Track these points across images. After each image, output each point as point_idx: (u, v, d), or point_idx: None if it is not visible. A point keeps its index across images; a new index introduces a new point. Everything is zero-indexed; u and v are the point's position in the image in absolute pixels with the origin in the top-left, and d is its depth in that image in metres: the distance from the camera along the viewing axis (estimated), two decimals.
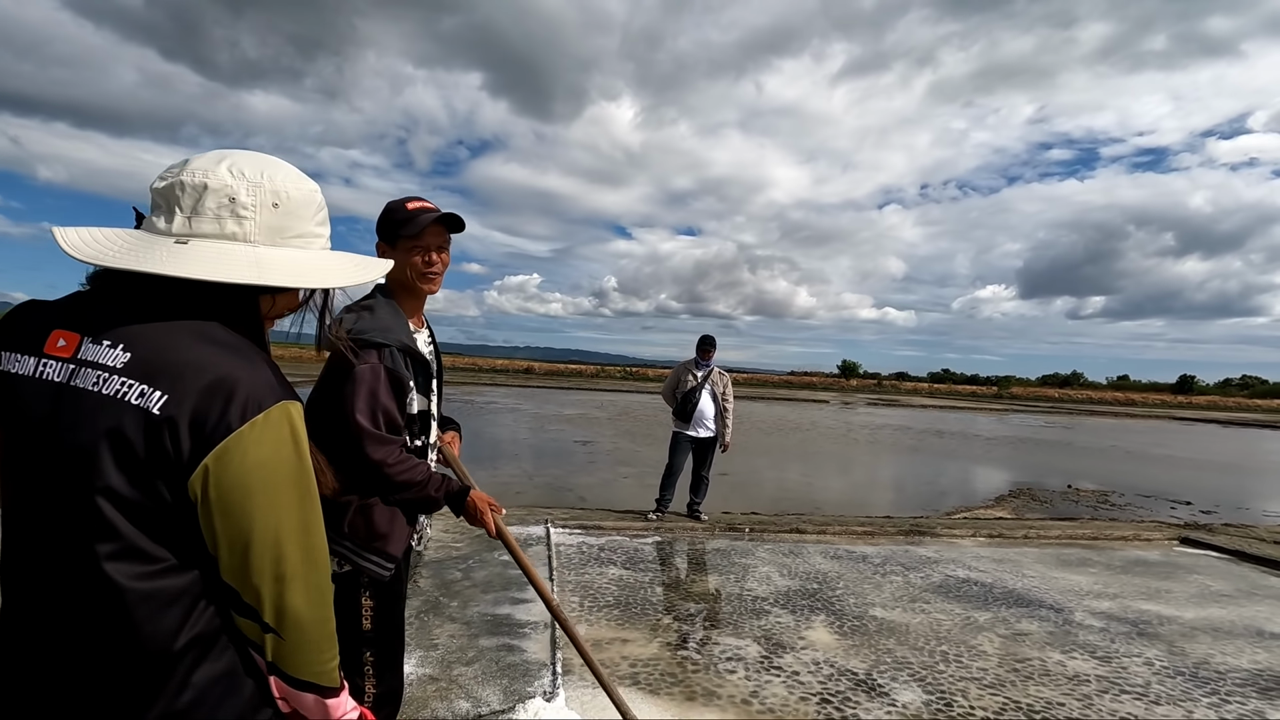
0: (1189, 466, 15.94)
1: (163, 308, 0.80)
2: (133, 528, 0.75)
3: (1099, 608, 4.31)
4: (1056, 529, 6.46)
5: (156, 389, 0.75)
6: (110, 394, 0.75)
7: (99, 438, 0.74)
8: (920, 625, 3.82)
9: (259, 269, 0.82)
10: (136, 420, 0.74)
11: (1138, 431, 28.90)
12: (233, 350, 0.80)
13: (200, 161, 0.84)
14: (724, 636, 3.53)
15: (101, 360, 0.77)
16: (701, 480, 6.23)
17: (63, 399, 0.77)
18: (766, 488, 9.57)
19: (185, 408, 0.74)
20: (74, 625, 0.77)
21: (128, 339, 0.78)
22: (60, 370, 0.78)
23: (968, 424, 27.74)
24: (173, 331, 0.79)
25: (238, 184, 0.83)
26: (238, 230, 0.83)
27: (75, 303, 0.84)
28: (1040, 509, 8.74)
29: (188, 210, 0.82)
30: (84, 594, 0.76)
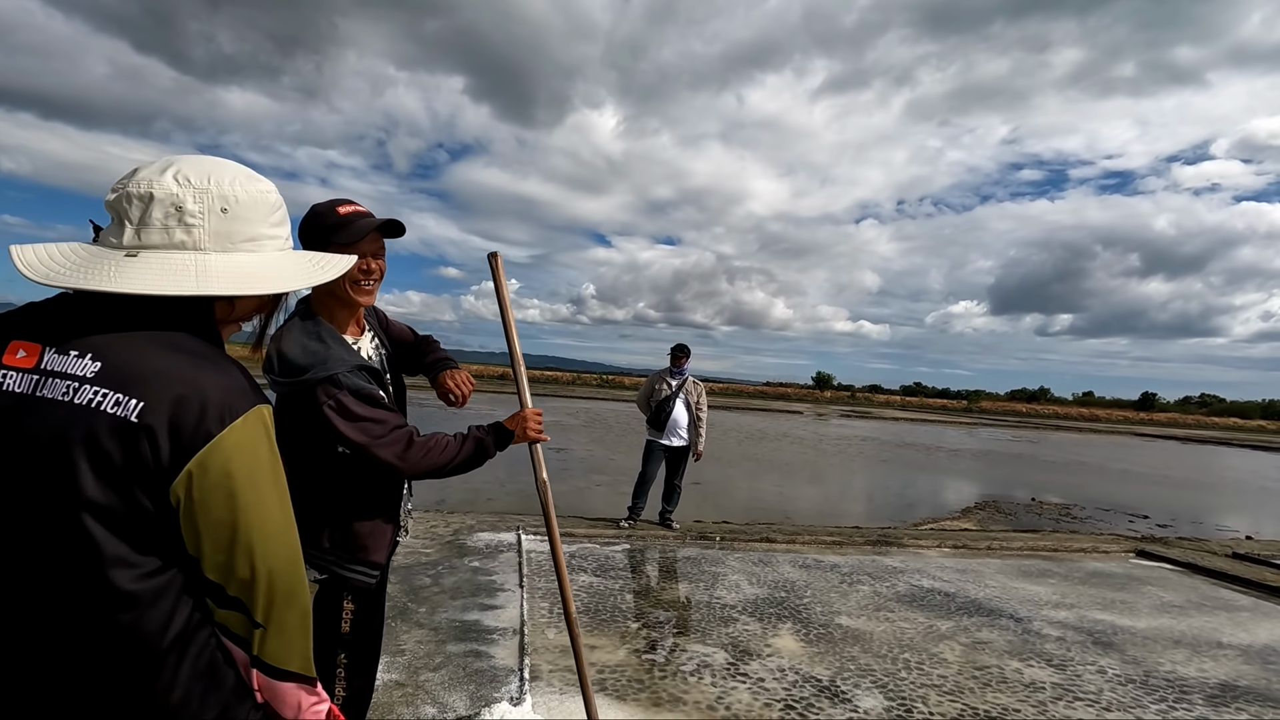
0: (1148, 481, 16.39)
1: (125, 318, 0.81)
2: (112, 535, 0.75)
3: (1057, 617, 4.42)
4: (1019, 540, 6.62)
5: (132, 397, 0.75)
6: (83, 403, 0.75)
7: (74, 446, 0.74)
8: (884, 633, 3.89)
9: (201, 279, 0.81)
10: (114, 428, 0.74)
11: (1101, 447, 29.62)
12: (202, 357, 0.82)
13: (146, 171, 0.84)
14: (692, 643, 3.56)
15: (70, 370, 0.77)
16: (674, 489, 6.27)
17: (28, 410, 0.76)
18: (739, 497, 9.64)
19: (163, 415, 0.75)
20: (57, 636, 0.76)
21: (96, 349, 0.78)
22: (22, 381, 0.78)
23: (938, 437, 28.20)
24: (140, 341, 0.80)
25: (184, 191, 0.82)
26: (186, 239, 0.83)
27: (31, 313, 0.83)
28: (1004, 521, 8.94)
29: (135, 222, 0.82)
30: (67, 603, 0.75)
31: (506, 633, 3.46)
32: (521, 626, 3.51)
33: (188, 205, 0.82)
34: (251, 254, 0.87)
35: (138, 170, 0.84)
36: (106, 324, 0.80)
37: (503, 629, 3.50)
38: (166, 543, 0.79)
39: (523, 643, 3.30)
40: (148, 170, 0.84)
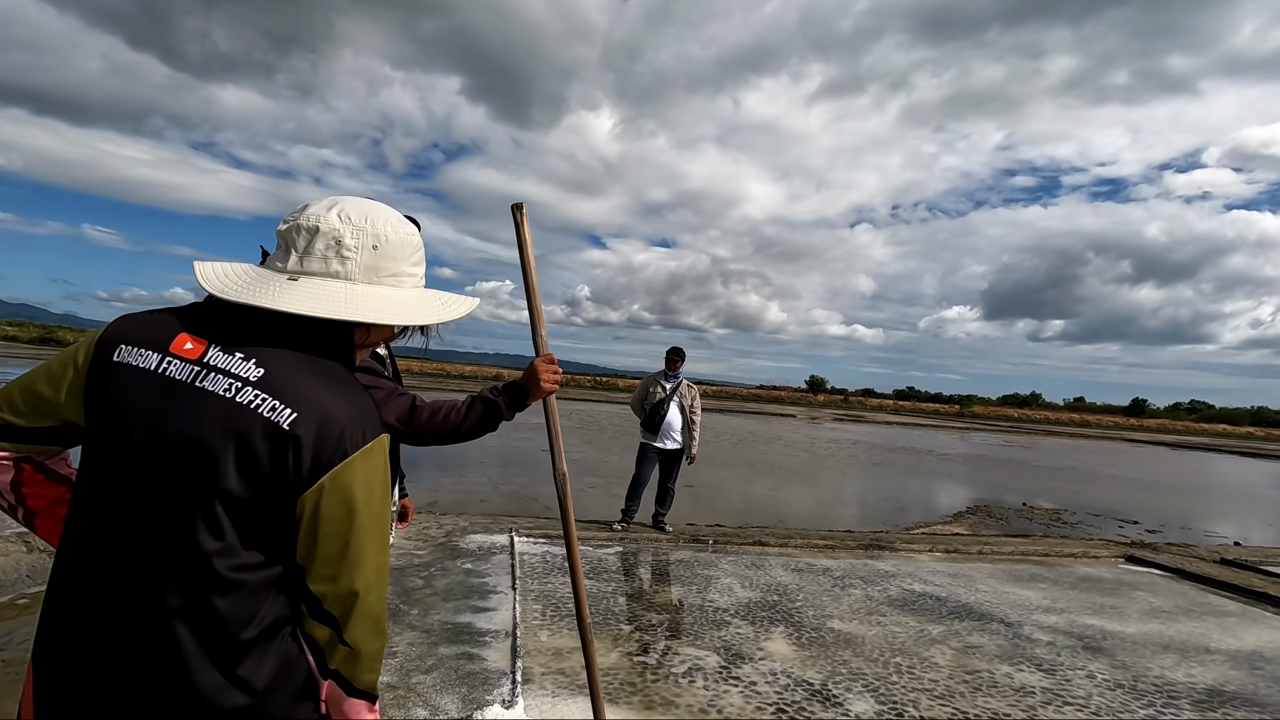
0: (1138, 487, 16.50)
1: (282, 333, 0.91)
2: (233, 525, 0.83)
3: (1047, 622, 4.45)
4: (1010, 545, 6.65)
5: (287, 406, 0.85)
6: (243, 402, 0.84)
7: (228, 438, 0.83)
8: (876, 637, 3.90)
9: (350, 306, 0.92)
10: (267, 430, 0.83)
11: (1091, 452, 29.80)
12: (342, 382, 0.93)
13: (315, 208, 0.96)
14: (684, 646, 3.56)
15: (233, 370, 0.87)
16: (667, 492, 6.27)
17: (185, 396, 0.85)
18: (732, 500, 9.65)
19: (310, 429, 0.85)
20: (156, 607, 0.82)
21: (258, 357, 0.88)
22: (184, 370, 0.87)
23: (930, 441, 28.30)
24: (294, 357, 0.90)
25: (344, 227, 0.94)
26: (340, 269, 0.94)
27: (199, 313, 0.94)
28: (996, 526, 8.98)
29: (300, 251, 0.94)
30: (174, 578, 0.82)
31: (499, 635, 3.45)
32: (514, 629, 3.50)
33: (346, 240, 0.94)
34: (392, 288, 0.98)
35: (308, 206, 0.97)
36: (266, 337, 0.90)
37: (495, 631, 3.49)
38: (276, 544, 0.87)
39: (515, 645, 3.29)
40: (316, 207, 0.96)
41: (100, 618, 0.84)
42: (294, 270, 0.94)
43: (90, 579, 0.85)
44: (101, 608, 0.84)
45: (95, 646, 0.84)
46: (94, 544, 0.86)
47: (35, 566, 4.16)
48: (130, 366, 0.88)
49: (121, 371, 0.88)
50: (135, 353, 0.89)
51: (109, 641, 0.84)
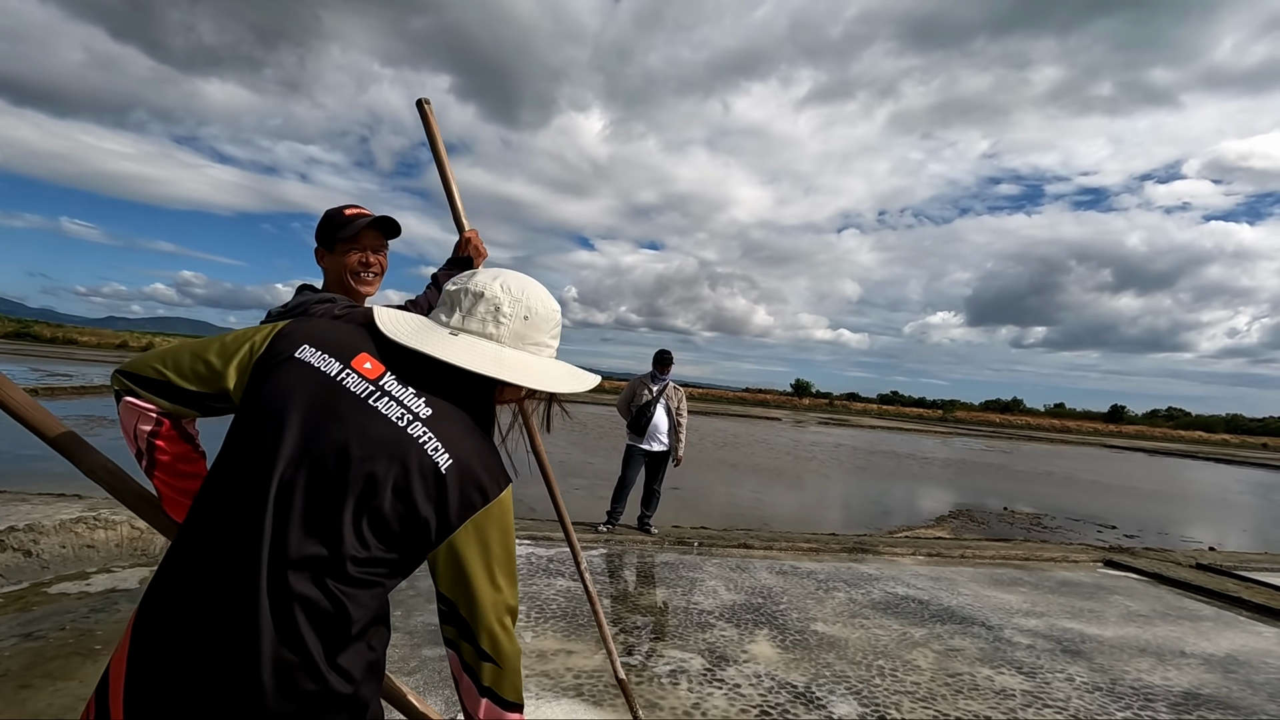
0: (1116, 493, 16.74)
1: (441, 380, 1.03)
2: (373, 537, 0.92)
3: (1027, 626, 4.50)
4: (991, 549, 6.73)
5: (446, 450, 0.96)
6: (413, 434, 0.95)
7: (392, 462, 0.93)
8: (859, 640, 3.93)
9: (499, 365, 1.04)
10: (426, 467, 0.94)
11: (1071, 458, 30.18)
12: (484, 437, 1.05)
13: (482, 276, 1.10)
14: (669, 649, 3.56)
15: (405, 401, 0.98)
16: (653, 494, 6.28)
17: (359, 410, 0.96)
18: (717, 503, 9.67)
19: (459, 473, 0.96)
20: (281, 591, 0.88)
21: (426, 397, 1.00)
22: (361, 386, 0.98)
23: (914, 445, 28.55)
24: (453, 406, 1.02)
25: (504, 297, 1.07)
26: (494, 332, 1.07)
27: (376, 334, 1.06)
28: (978, 530, 9.07)
29: (464, 311, 1.07)
30: (306, 568, 0.89)
31: None
32: None
33: (504, 308, 1.07)
34: (533, 355, 1.10)
35: (476, 274, 1.11)
36: (431, 380, 1.02)
37: None
38: (402, 563, 0.97)
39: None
40: (483, 275, 1.10)
41: (219, 592, 0.89)
42: (455, 327, 1.07)
43: (218, 553, 0.91)
44: (223, 582, 0.89)
45: (208, 618, 0.89)
46: (229, 519, 0.92)
47: (10, 566, 4.09)
48: (311, 366, 0.99)
49: (302, 367, 0.99)
50: (319, 355, 1.00)
51: (224, 615, 0.88)
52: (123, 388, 1.06)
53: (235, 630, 0.87)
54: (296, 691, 0.88)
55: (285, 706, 0.87)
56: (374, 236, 1.73)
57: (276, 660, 0.87)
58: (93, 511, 4.76)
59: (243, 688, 0.86)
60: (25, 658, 3.12)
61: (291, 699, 0.88)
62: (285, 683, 0.87)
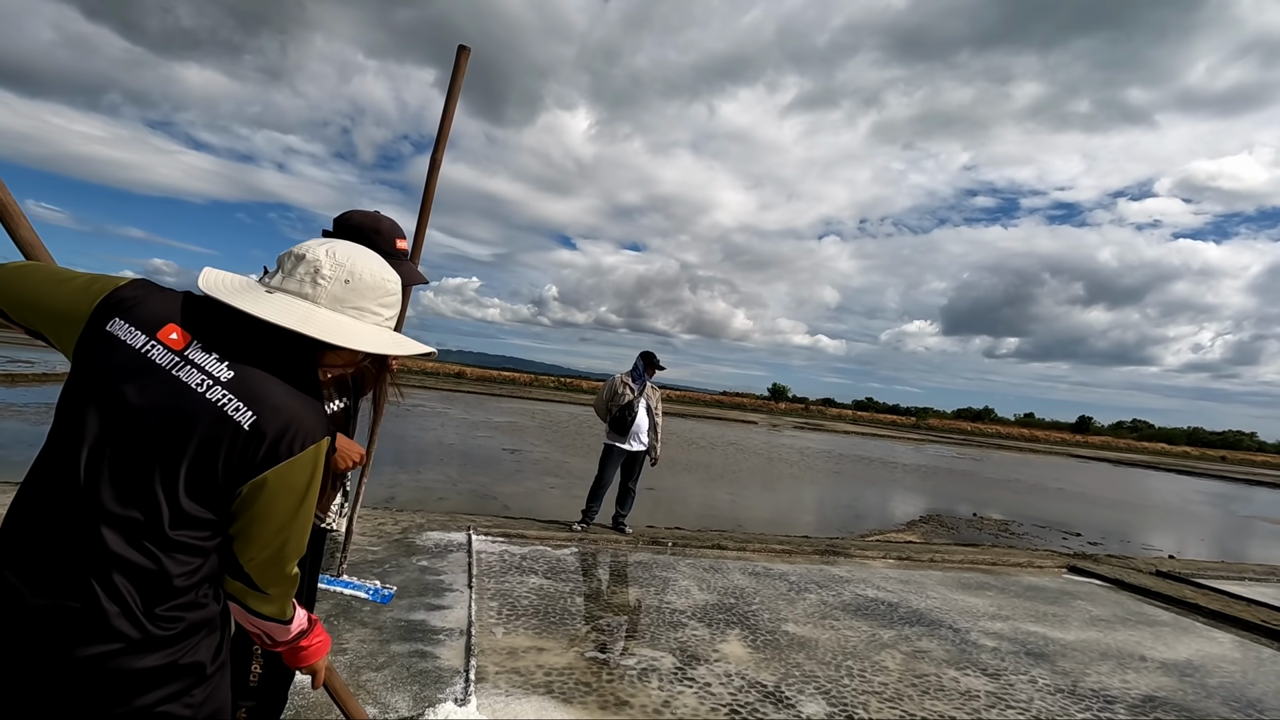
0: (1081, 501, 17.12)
1: (256, 338, 1.04)
2: (183, 498, 0.97)
3: (993, 629, 4.58)
4: (960, 554, 6.83)
5: (247, 408, 0.99)
6: (212, 400, 0.98)
7: (192, 430, 0.97)
8: (829, 641, 3.96)
9: (305, 322, 1.05)
10: (228, 430, 0.97)
11: (1039, 466, 30.81)
12: (299, 391, 1.05)
13: (311, 243, 1.15)
14: (640, 647, 3.56)
15: (208, 367, 1.00)
16: (628, 493, 6.27)
17: (163, 382, 0.98)
18: (691, 504, 9.70)
19: (266, 430, 0.99)
20: (99, 553, 0.93)
21: (230, 361, 1.01)
22: (166, 358, 1.00)
23: (887, 451, 28.91)
24: (267, 366, 1.03)
25: (326, 261, 1.10)
26: (310, 292, 1.09)
27: (189, 304, 1.06)
28: (947, 534, 9.21)
29: (285, 272, 1.10)
30: (121, 531, 0.94)
31: (453, 633, 3.40)
32: (469, 627, 3.45)
33: (324, 270, 1.10)
34: (352, 320, 1.12)
35: (307, 242, 1.15)
36: (242, 342, 1.03)
37: (449, 629, 3.44)
38: (217, 521, 1.02)
39: (469, 644, 3.25)
40: (313, 242, 1.15)
41: (42, 556, 0.94)
42: (274, 286, 1.09)
43: (42, 518, 0.96)
44: (46, 547, 0.94)
45: (29, 582, 0.93)
46: (51, 490, 0.96)
47: None
48: (117, 339, 1.00)
49: (109, 341, 1.00)
50: (126, 329, 1.01)
51: (44, 579, 0.93)
52: None
53: (57, 588, 0.92)
54: (115, 634, 0.93)
55: (104, 649, 0.92)
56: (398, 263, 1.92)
57: (96, 609, 0.92)
58: None
59: (64, 634, 0.92)
60: None
61: (110, 640, 0.93)
62: (104, 628, 0.93)
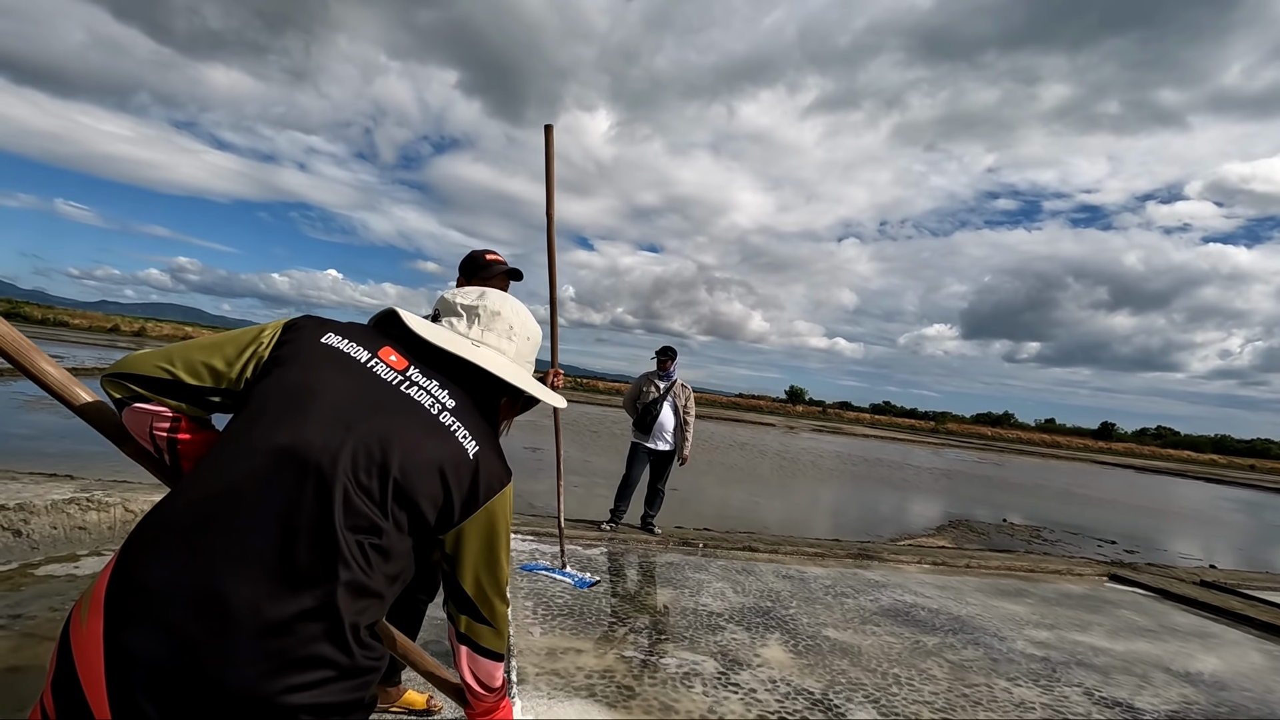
0: (1111, 508, 16.76)
1: (460, 380, 1.11)
2: (397, 515, 0.96)
3: (1038, 637, 4.43)
4: (995, 560, 6.66)
5: (472, 438, 1.04)
6: (445, 423, 1.03)
7: (433, 449, 0.99)
8: (871, 647, 3.84)
9: (520, 376, 1.17)
10: (459, 454, 1.02)
11: (1063, 472, 30.29)
12: (495, 435, 1.14)
13: (492, 296, 1.22)
14: (680, 650, 3.47)
15: (433, 391, 1.06)
16: (657, 493, 6.18)
17: (389, 396, 1.01)
18: (715, 505, 9.59)
19: (484, 460, 1.05)
20: (290, 564, 0.87)
21: (450, 389, 1.08)
22: (391, 375, 1.04)
23: (908, 455, 28.57)
24: (471, 402, 1.10)
25: (515, 319, 1.21)
26: (507, 349, 1.19)
27: (397, 337, 1.12)
28: (977, 540, 9.01)
29: (483, 325, 1.18)
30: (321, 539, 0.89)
31: None
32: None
33: (515, 328, 1.20)
34: (526, 371, 1.23)
35: (485, 293, 1.21)
36: (451, 375, 1.10)
37: None
38: (420, 547, 1.03)
39: (508, 645, 3.17)
40: (493, 295, 1.22)
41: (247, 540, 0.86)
42: (476, 338, 1.17)
43: (248, 503, 0.88)
44: (253, 531, 0.87)
45: (202, 592, 0.83)
46: (261, 478, 0.90)
47: None
48: (340, 350, 1.04)
49: (331, 351, 1.03)
50: (347, 343, 1.05)
51: (220, 591, 0.83)
52: (127, 394, 1.01)
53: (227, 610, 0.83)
54: (323, 661, 0.87)
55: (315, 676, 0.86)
56: (504, 280, 2.16)
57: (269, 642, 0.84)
58: (85, 493, 4.63)
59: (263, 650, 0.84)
60: (12, 640, 3.01)
61: (321, 668, 0.87)
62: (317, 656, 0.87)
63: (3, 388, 12.48)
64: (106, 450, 5.17)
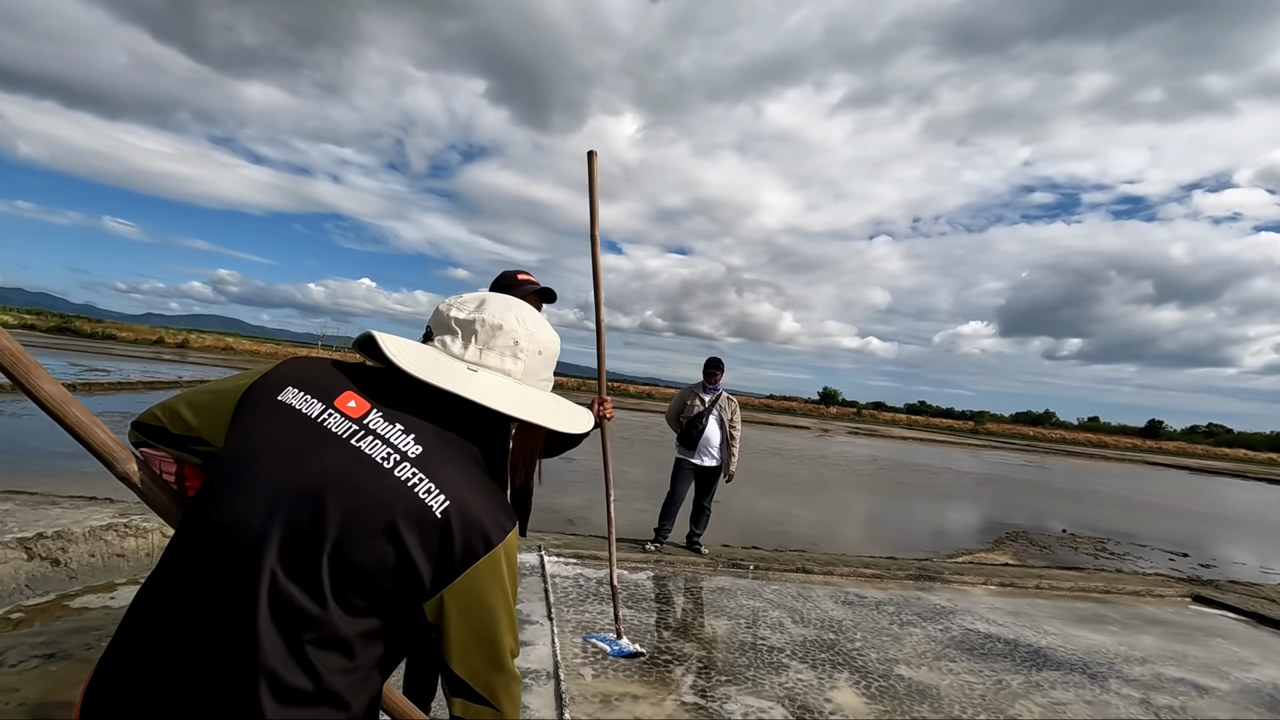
0: (1174, 515, 15.93)
1: (443, 414, 0.91)
2: (346, 587, 0.79)
3: (1133, 674, 4.04)
4: (1067, 580, 6.22)
5: (440, 491, 0.84)
6: (400, 477, 0.83)
7: (375, 509, 0.81)
8: (951, 689, 3.52)
9: (526, 405, 0.95)
10: (418, 512, 0.82)
11: (1114, 475, 29.12)
12: (485, 476, 0.92)
13: (493, 306, 1.00)
14: (744, 694, 3.19)
15: (392, 439, 0.87)
16: (703, 511, 5.91)
17: (339, 452, 0.85)
18: (756, 516, 9.26)
19: (458, 517, 0.83)
20: (247, 640, 0.77)
21: (418, 433, 0.88)
22: (344, 426, 0.87)
23: (948, 459, 27.76)
24: (453, 442, 0.90)
25: (520, 330, 0.99)
26: (512, 368, 0.98)
27: (366, 373, 0.96)
28: (1041, 555, 8.52)
29: (481, 344, 0.97)
30: (277, 615, 0.78)
31: (540, 676, 3.10)
32: (556, 669, 3.15)
33: (521, 342, 0.99)
34: (541, 392, 1.01)
35: (484, 301, 1.00)
36: (428, 413, 0.91)
37: (535, 671, 3.14)
38: (388, 622, 0.84)
39: (559, 690, 2.94)
40: (494, 304, 1.00)
41: (185, 638, 0.79)
42: (473, 361, 0.97)
43: (186, 597, 0.81)
44: (189, 629, 0.79)
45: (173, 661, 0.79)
46: (197, 564, 0.82)
47: (36, 576, 3.86)
48: (292, 409, 0.90)
49: (282, 410, 0.89)
50: (301, 397, 0.91)
51: (187, 661, 0.78)
52: (135, 439, 1.03)
53: (195, 682, 0.77)
54: None
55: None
56: (535, 301, 2.06)
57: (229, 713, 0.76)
58: (124, 518, 4.54)
59: None
60: (45, 682, 2.87)
61: None
62: None
63: None
64: None
